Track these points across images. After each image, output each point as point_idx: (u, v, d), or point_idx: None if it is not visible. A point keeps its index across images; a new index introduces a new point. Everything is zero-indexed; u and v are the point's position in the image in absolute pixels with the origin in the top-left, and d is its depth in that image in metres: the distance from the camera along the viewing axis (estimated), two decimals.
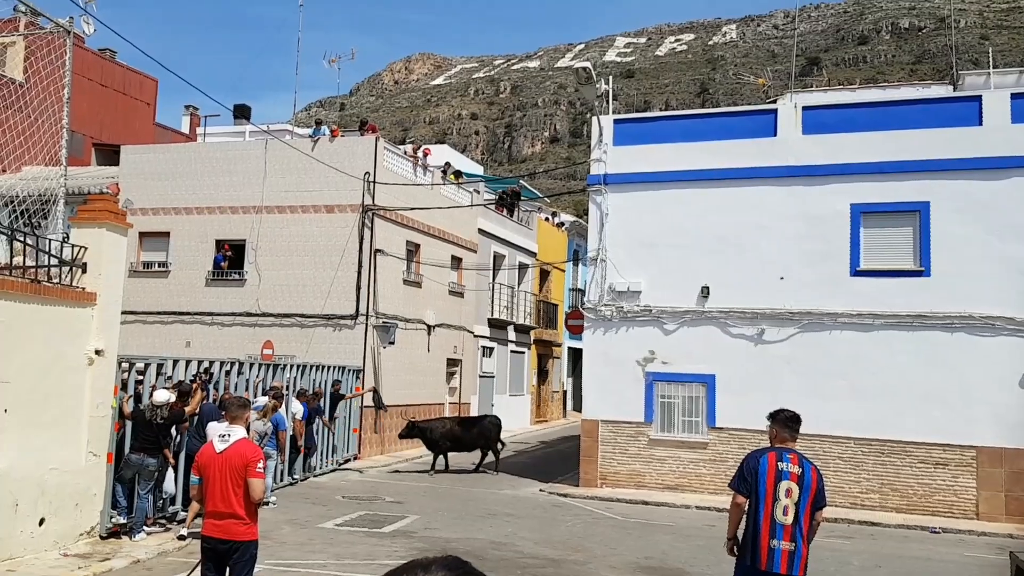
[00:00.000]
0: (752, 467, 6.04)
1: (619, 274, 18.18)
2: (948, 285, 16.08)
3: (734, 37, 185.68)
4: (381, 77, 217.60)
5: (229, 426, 6.76)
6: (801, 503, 5.93)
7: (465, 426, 20.38)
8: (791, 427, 6.19)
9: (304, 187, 22.17)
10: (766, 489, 5.94)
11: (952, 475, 15.88)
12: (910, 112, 17.02)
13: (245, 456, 6.47)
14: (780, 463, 5.98)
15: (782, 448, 6.12)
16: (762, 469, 5.99)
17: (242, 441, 6.61)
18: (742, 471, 6.11)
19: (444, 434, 19.70)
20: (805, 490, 5.93)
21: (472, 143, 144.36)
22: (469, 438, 19.98)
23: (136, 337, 21.04)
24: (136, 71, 33.90)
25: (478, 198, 28.76)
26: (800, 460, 6.05)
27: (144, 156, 24.40)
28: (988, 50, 29.08)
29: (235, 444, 6.55)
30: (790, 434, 6.18)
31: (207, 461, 6.55)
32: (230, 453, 6.49)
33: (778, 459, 6.01)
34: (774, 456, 6.03)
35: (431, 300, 24.92)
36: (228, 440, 6.59)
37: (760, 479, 5.97)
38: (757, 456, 6.12)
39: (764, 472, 5.98)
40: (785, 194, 17.31)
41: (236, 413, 6.84)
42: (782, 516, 5.89)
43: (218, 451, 6.54)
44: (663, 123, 20.14)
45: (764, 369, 17.02)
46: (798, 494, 5.93)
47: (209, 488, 6.47)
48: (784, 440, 6.17)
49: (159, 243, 23.50)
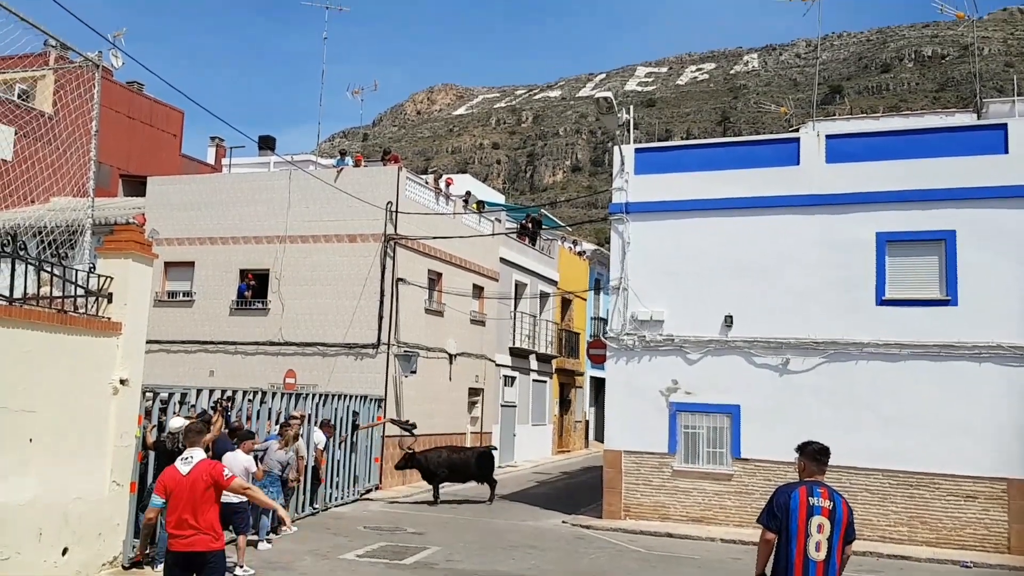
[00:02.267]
0: (782, 503, 5.93)
1: (641, 303, 18.10)
2: (975, 314, 15.87)
3: (756, 66, 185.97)
4: (404, 108, 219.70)
5: (190, 449, 7.07)
6: (833, 538, 5.83)
7: (461, 455, 20.05)
8: (820, 460, 6.09)
9: (327, 216, 22.33)
10: (798, 525, 5.84)
11: (983, 508, 15.56)
12: (934, 140, 16.90)
13: (209, 473, 6.85)
14: (811, 498, 5.88)
15: (812, 482, 6.01)
16: (793, 505, 5.88)
17: (203, 461, 6.97)
18: (771, 506, 6.00)
19: (441, 463, 19.42)
20: (837, 524, 5.84)
21: (494, 172, 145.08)
22: (465, 468, 19.71)
23: (160, 366, 21.15)
24: (163, 103, 34.44)
25: (499, 227, 28.84)
26: (830, 494, 5.95)
27: (170, 187, 24.70)
28: (1013, 78, 28.90)
29: (198, 465, 6.90)
30: (819, 467, 6.08)
31: (174, 484, 6.86)
32: (194, 474, 6.84)
33: (809, 494, 5.90)
34: (805, 491, 5.92)
35: (453, 329, 24.92)
36: (191, 462, 6.93)
37: (792, 515, 5.86)
38: (787, 492, 5.99)
39: (796, 508, 5.87)
40: (809, 223, 17.20)
41: (193, 439, 7.20)
42: (815, 552, 5.79)
43: (184, 473, 6.87)
44: (685, 152, 20.13)
45: (789, 399, 16.83)
46: (830, 529, 5.83)
47: (176, 508, 6.78)
48: (813, 473, 6.06)
49: (184, 273, 23.71)
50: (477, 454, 20.23)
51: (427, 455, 19.60)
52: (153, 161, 31.46)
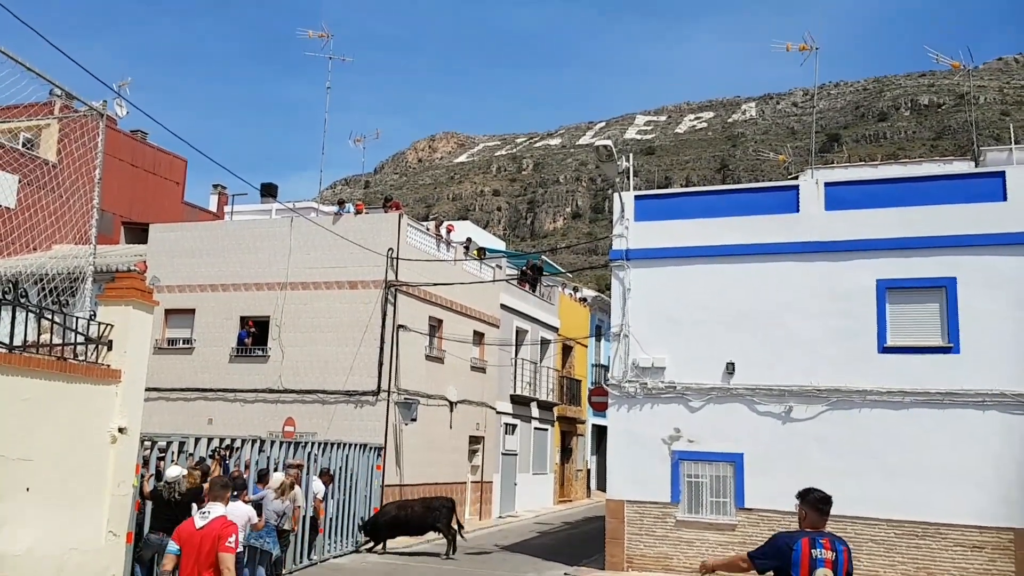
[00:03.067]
0: (783, 549, 5.79)
1: (643, 350, 18.04)
2: (978, 362, 15.80)
3: (753, 115, 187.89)
4: (405, 155, 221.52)
5: (211, 504, 7.05)
6: None
7: (407, 509, 19.13)
8: (822, 510, 5.95)
9: (328, 263, 22.38)
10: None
11: (989, 558, 15.34)
12: (933, 188, 17.00)
13: (218, 531, 6.80)
14: (814, 550, 5.74)
15: (815, 533, 5.87)
16: (796, 557, 5.74)
17: (220, 518, 6.92)
18: (767, 547, 5.88)
19: (387, 523, 18.75)
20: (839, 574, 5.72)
21: (495, 219, 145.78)
22: (414, 520, 18.89)
23: (159, 414, 21.02)
24: (166, 151, 34.75)
25: (500, 273, 28.88)
26: (832, 543, 5.81)
27: (172, 234, 24.80)
28: (1009, 126, 29.17)
29: (213, 521, 6.87)
30: (820, 517, 5.93)
31: (187, 536, 6.85)
32: (207, 529, 6.81)
33: (811, 545, 5.76)
34: (807, 543, 5.78)
35: (453, 376, 24.82)
36: (208, 516, 6.91)
37: (794, 567, 5.73)
38: (789, 541, 5.84)
39: (798, 560, 5.73)
40: (809, 270, 17.22)
41: (217, 493, 7.19)
42: None
43: (198, 527, 6.85)
44: (684, 199, 20.25)
45: (793, 448, 16.69)
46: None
47: (185, 561, 6.77)
48: (815, 523, 5.91)
49: (184, 320, 23.70)
50: (426, 506, 19.25)
51: (375, 520, 18.95)
52: (155, 208, 31.65)
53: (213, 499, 7.09)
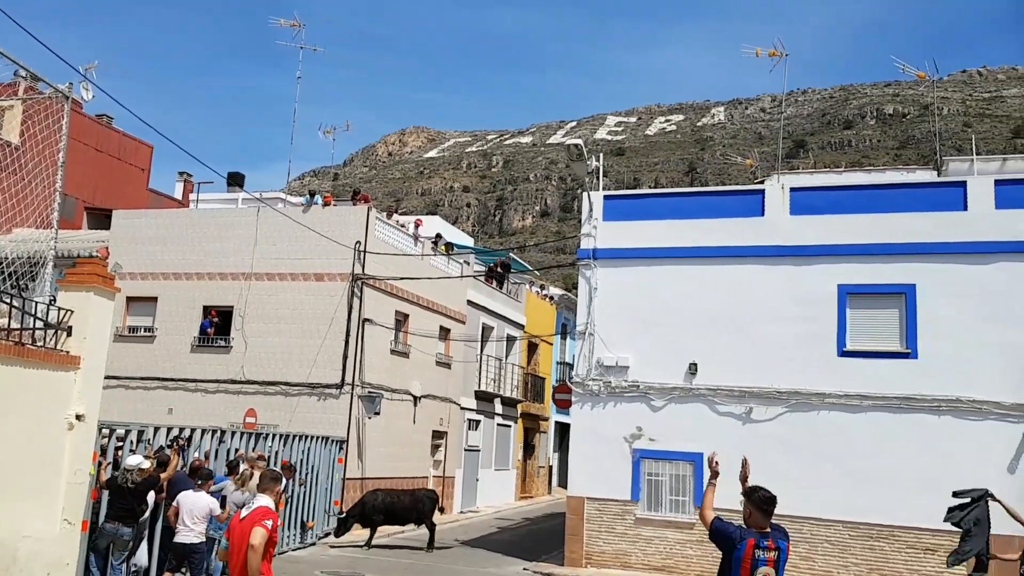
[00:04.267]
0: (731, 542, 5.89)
1: (607, 349, 18.15)
2: (935, 368, 16.10)
3: (722, 119, 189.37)
4: (375, 148, 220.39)
5: (259, 496, 7.06)
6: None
7: (397, 498, 19.29)
8: (766, 510, 5.99)
9: (294, 255, 22.23)
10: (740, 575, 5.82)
11: (941, 561, 15.60)
12: (896, 196, 17.28)
13: (255, 517, 6.81)
14: (757, 550, 5.84)
15: (760, 535, 5.94)
16: (739, 554, 5.86)
17: (262, 507, 6.91)
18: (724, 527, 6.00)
19: (376, 507, 18.84)
20: (781, 570, 5.89)
21: (463, 215, 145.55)
22: (403, 511, 19.11)
23: (118, 402, 20.74)
24: (132, 137, 34.26)
25: (468, 269, 28.87)
26: (776, 542, 5.91)
27: (135, 221, 24.48)
28: (971, 137, 29.73)
29: (255, 510, 6.90)
30: (764, 518, 5.98)
31: (233, 527, 6.95)
32: (248, 518, 6.85)
33: (756, 546, 5.86)
34: (753, 543, 5.87)
35: (418, 371, 24.77)
36: (250, 507, 6.98)
37: (735, 564, 5.85)
38: (738, 537, 5.92)
39: (740, 558, 5.84)
40: (772, 273, 17.43)
41: (267, 485, 7.16)
42: None
43: (241, 518, 6.93)
44: (652, 200, 20.40)
45: (752, 448, 16.71)
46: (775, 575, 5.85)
47: (232, 551, 6.83)
48: (759, 522, 5.97)
49: (146, 308, 23.41)
50: (415, 497, 19.53)
51: (363, 500, 19.05)
52: (119, 194, 31.20)
53: (262, 491, 7.07)
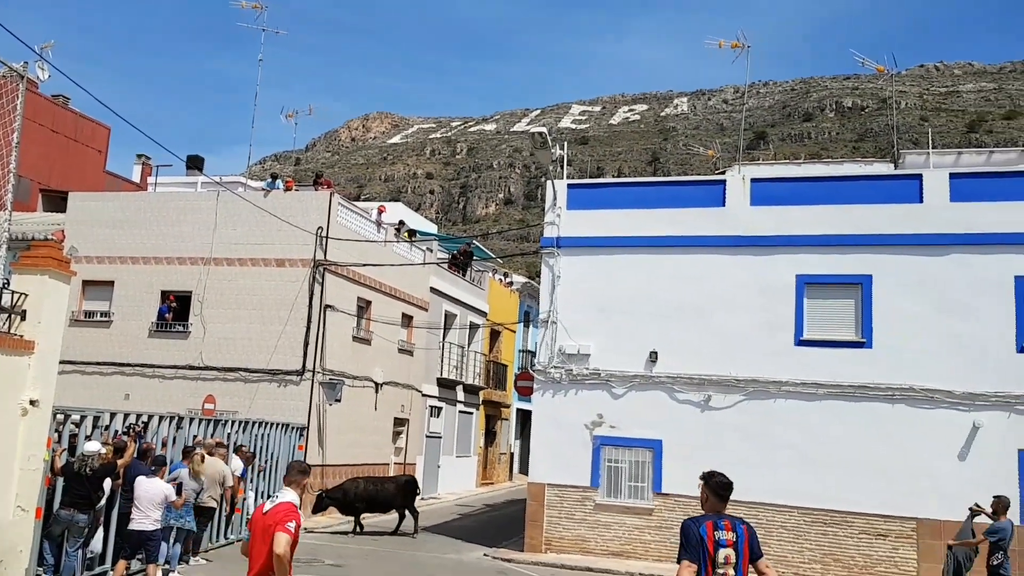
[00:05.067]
0: (696, 535, 5.98)
1: (569, 337, 18.24)
2: (889, 357, 16.43)
3: (685, 109, 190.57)
4: (338, 134, 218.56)
5: (285, 489, 6.68)
6: (739, 567, 5.96)
7: (380, 486, 19.60)
8: (722, 495, 6.14)
9: (255, 240, 21.99)
10: (706, 560, 5.92)
11: (893, 547, 16.01)
12: (854, 188, 17.57)
13: (278, 514, 6.43)
14: (717, 532, 5.96)
15: (716, 516, 6.08)
16: (702, 539, 5.95)
17: (286, 503, 6.52)
18: (687, 541, 6.02)
19: (359, 495, 19.10)
20: (740, 553, 5.98)
21: (427, 202, 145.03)
22: (385, 498, 19.38)
23: (73, 388, 20.44)
24: (89, 118, 33.59)
25: (431, 256, 28.80)
26: (733, 525, 6.05)
27: (92, 203, 24.04)
28: (928, 131, 30.27)
29: (279, 504, 6.52)
30: (721, 501, 6.13)
31: (255, 520, 6.61)
32: (271, 512, 6.48)
33: (714, 528, 5.98)
34: (711, 525, 5.99)
35: (380, 358, 24.69)
36: (275, 501, 6.59)
37: (701, 549, 5.94)
38: (695, 525, 6.04)
39: (704, 542, 5.94)
40: (733, 263, 17.64)
41: (294, 477, 6.79)
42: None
43: (265, 511, 6.56)
44: (616, 189, 20.51)
45: (710, 436, 17.11)
46: (736, 559, 5.95)
47: (252, 544, 6.50)
48: (716, 506, 6.12)
49: (103, 292, 23.03)
50: (397, 484, 19.87)
51: (343, 488, 19.26)
52: (76, 177, 30.59)
53: (288, 484, 6.71)
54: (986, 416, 15.84)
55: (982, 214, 16.40)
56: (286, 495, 6.58)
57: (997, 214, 16.32)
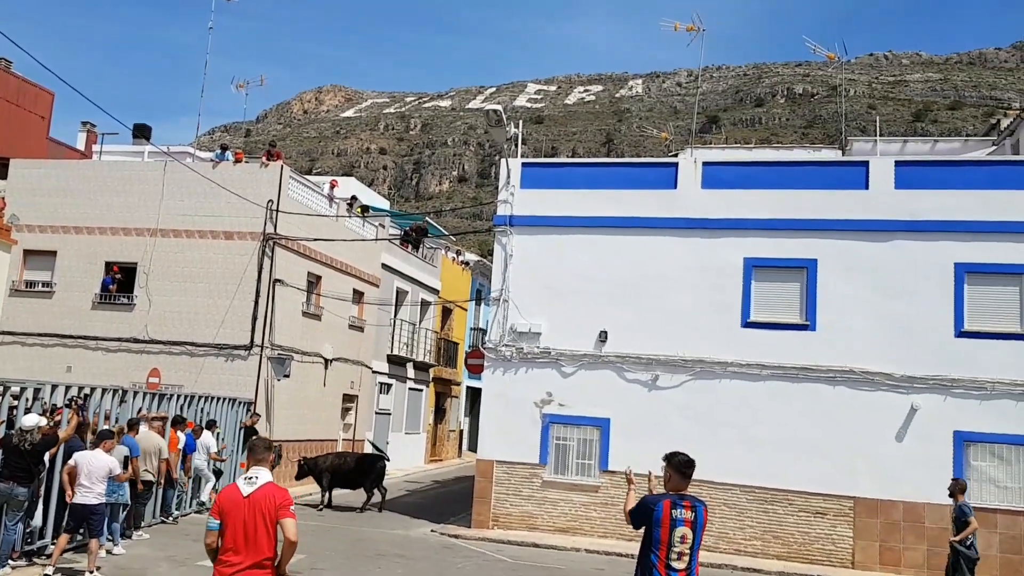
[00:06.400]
0: (647, 510, 6.11)
1: (521, 315, 18.30)
2: (832, 340, 16.79)
3: (640, 91, 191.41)
4: (290, 106, 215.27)
5: (255, 468, 6.25)
6: (694, 547, 6.08)
7: (351, 462, 20.14)
8: (685, 473, 6.25)
9: (203, 212, 21.62)
10: (661, 536, 6.03)
11: (831, 524, 16.43)
12: (802, 173, 17.84)
13: (276, 498, 6.06)
14: (674, 510, 6.07)
15: (676, 496, 6.18)
16: (657, 516, 6.06)
17: (270, 484, 6.15)
18: (642, 509, 6.17)
19: (328, 468, 19.66)
20: (698, 533, 6.10)
21: (380, 178, 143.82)
22: (352, 474, 19.84)
23: (13, 360, 20.02)
24: (31, 83, 32.58)
25: (383, 232, 28.61)
26: (693, 504, 6.16)
27: (34, 171, 23.39)
28: (875, 119, 30.81)
29: (264, 487, 6.10)
30: (683, 480, 6.23)
31: (233, 505, 6.03)
32: (259, 496, 6.03)
33: (672, 506, 6.09)
34: (669, 504, 6.10)
35: (330, 334, 24.53)
36: (255, 483, 6.10)
37: (656, 526, 6.06)
38: (652, 503, 6.15)
39: (659, 519, 6.05)
40: (683, 245, 17.83)
41: (262, 455, 6.35)
42: (676, 562, 6.01)
43: (245, 495, 6.04)
44: (569, 169, 20.56)
45: (657, 414, 17.34)
46: (692, 538, 6.06)
47: (230, 534, 5.98)
48: (678, 485, 6.22)
49: (45, 262, 22.47)
50: (366, 461, 20.33)
51: (316, 460, 19.96)
52: (17, 143, 29.67)
53: (257, 463, 6.26)
54: (923, 399, 16.29)
55: (925, 201, 16.79)
56: (264, 475, 6.19)
57: (940, 201, 16.72)
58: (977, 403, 16.12)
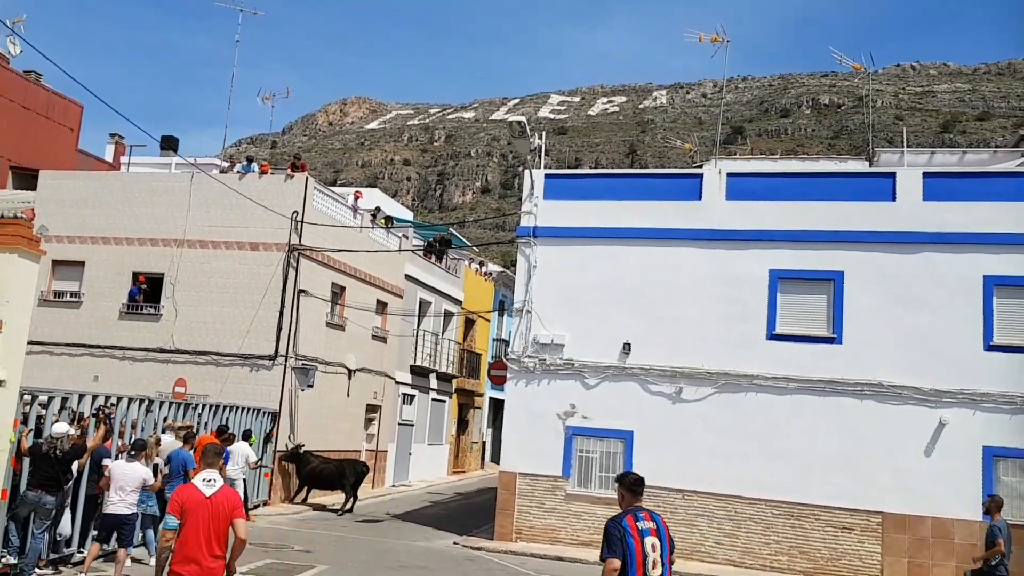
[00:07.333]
0: (618, 533, 6.24)
1: (543, 326, 18.27)
2: (858, 353, 16.61)
3: (664, 102, 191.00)
4: (315, 118, 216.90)
5: (210, 470, 6.81)
6: (663, 553, 6.27)
7: (330, 466, 21.09)
8: (635, 491, 6.49)
9: (229, 223, 21.80)
10: (635, 549, 6.16)
11: (858, 540, 16.22)
12: (829, 184, 17.70)
13: (232, 499, 6.68)
14: (638, 523, 6.25)
15: (634, 509, 6.38)
16: (626, 531, 6.20)
17: (226, 486, 6.77)
18: (610, 538, 6.26)
19: (311, 470, 20.82)
20: (663, 541, 6.29)
21: (403, 188, 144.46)
22: (332, 478, 20.94)
23: (42, 369, 20.21)
24: (61, 95, 33.05)
25: (407, 243, 28.70)
26: (651, 515, 6.38)
27: (63, 182, 23.71)
28: (902, 130, 30.54)
29: (221, 489, 6.69)
30: (635, 496, 6.47)
31: (195, 505, 6.51)
32: (219, 498, 6.59)
33: (635, 520, 6.27)
34: (631, 518, 6.28)
35: (353, 344, 24.60)
36: (214, 485, 6.66)
37: (627, 542, 6.18)
38: (618, 522, 6.30)
39: (629, 535, 6.19)
40: (707, 256, 17.73)
41: (212, 460, 6.91)
42: (652, 571, 6.15)
43: (207, 495, 6.57)
44: (593, 180, 20.52)
45: (681, 427, 17.23)
46: (661, 546, 6.26)
47: (192, 532, 6.45)
48: (631, 502, 6.46)
49: (73, 272, 22.74)
50: (347, 467, 21.15)
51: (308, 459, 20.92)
52: (47, 154, 30.11)
53: (208, 466, 6.83)
54: (952, 413, 16.07)
55: (954, 214, 16.60)
56: (219, 478, 6.79)
57: (968, 214, 16.52)
58: (1007, 418, 15.88)
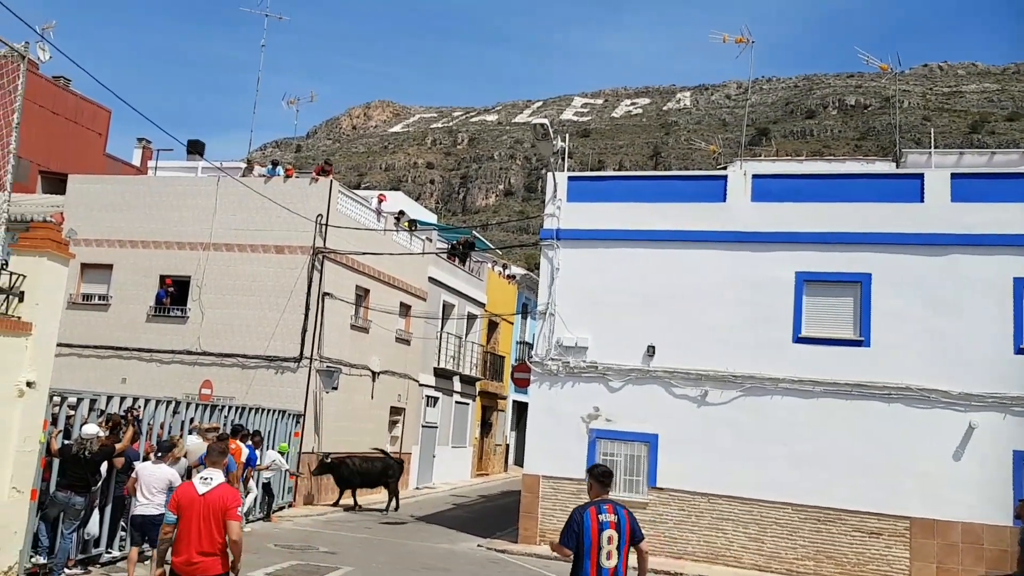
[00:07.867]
0: (578, 521, 6.64)
1: (567, 329, 18.24)
2: (886, 356, 16.43)
3: (688, 104, 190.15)
4: (339, 121, 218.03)
5: (211, 469, 7.00)
6: (621, 545, 6.65)
7: (372, 464, 21.54)
8: (603, 482, 6.86)
9: (255, 226, 21.96)
10: (591, 539, 6.58)
11: (885, 545, 16.04)
12: (855, 186, 17.54)
13: (225, 500, 6.78)
14: (600, 515, 6.66)
15: (599, 501, 6.76)
16: (586, 523, 6.60)
17: (223, 485, 6.89)
18: (570, 526, 6.67)
19: (353, 472, 20.93)
20: (622, 533, 6.65)
21: (427, 192, 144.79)
22: (375, 476, 21.40)
23: (70, 371, 20.45)
24: (89, 100, 33.51)
25: (430, 246, 28.78)
26: (615, 508, 6.73)
27: (92, 186, 24.00)
28: (930, 130, 30.24)
29: (217, 488, 6.82)
30: (603, 488, 6.83)
31: (189, 502, 6.75)
32: (212, 496, 6.75)
33: (598, 512, 6.68)
34: (594, 510, 6.70)
35: (377, 346, 24.70)
36: (210, 483, 6.84)
37: (585, 531, 6.57)
38: (580, 512, 6.70)
39: (588, 525, 6.59)
40: (732, 258, 17.62)
41: (215, 459, 7.12)
42: (606, 561, 6.54)
43: (200, 493, 6.77)
44: (617, 183, 20.47)
45: (705, 431, 17.13)
46: (618, 539, 6.62)
47: (185, 528, 6.70)
48: (599, 493, 6.83)
49: (101, 275, 23.01)
50: (387, 463, 21.66)
51: (342, 462, 20.96)
52: (76, 159, 30.54)
53: (212, 465, 7.04)
54: (981, 417, 15.86)
55: (982, 215, 16.39)
56: (218, 476, 6.92)
57: (997, 215, 16.31)
58: None
